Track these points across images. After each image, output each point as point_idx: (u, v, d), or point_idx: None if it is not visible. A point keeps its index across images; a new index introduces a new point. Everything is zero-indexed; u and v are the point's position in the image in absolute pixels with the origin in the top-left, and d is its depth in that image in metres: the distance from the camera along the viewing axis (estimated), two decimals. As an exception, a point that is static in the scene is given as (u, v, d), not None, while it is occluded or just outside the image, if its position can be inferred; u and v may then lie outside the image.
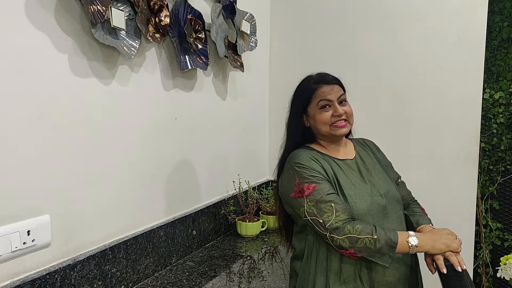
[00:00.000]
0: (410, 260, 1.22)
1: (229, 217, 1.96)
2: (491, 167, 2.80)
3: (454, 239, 1.16)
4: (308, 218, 1.15)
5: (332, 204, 1.14)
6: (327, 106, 1.24)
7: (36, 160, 1.09)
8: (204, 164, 1.83)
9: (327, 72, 1.32)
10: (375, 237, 1.09)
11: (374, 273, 1.15)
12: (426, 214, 1.35)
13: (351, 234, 1.10)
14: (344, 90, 1.30)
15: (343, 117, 1.24)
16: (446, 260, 1.12)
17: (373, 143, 1.43)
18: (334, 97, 1.24)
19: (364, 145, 1.39)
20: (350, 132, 1.39)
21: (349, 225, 1.11)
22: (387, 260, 1.12)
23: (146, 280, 1.46)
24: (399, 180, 1.39)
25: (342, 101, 1.26)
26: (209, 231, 1.85)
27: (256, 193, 2.11)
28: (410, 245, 1.11)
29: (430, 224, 1.27)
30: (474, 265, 2.60)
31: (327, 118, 1.24)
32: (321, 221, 1.14)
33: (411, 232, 1.15)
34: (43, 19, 1.09)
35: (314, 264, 1.20)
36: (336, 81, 1.29)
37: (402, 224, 1.24)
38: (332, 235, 1.12)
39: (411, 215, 1.31)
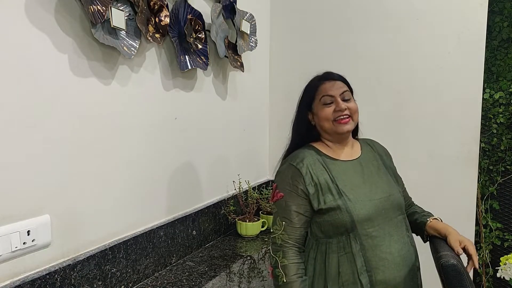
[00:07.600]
0: (413, 262, 1.21)
1: (229, 217, 1.96)
2: (491, 167, 2.80)
3: None
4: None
5: (284, 223, 1.21)
6: (330, 102, 1.24)
7: (36, 160, 1.09)
8: (204, 164, 1.83)
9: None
10: (285, 281, 1.15)
11: (374, 275, 1.13)
12: None
13: (277, 258, 1.19)
14: (351, 89, 1.30)
15: (346, 112, 1.23)
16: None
17: (383, 147, 1.40)
18: (336, 92, 1.24)
19: (372, 146, 1.36)
20: (357, 132, 1.38)
21: (281, 252, 1.18)
22: None
23: (146, 280, 1.46)
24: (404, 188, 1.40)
25: (345, 97, 1.25)
26: (209, 231, 1.85)
27: (256, 193, 2.11)
28: None
29: (434, 217, 1.33)
30: (474, 265, 2.60)
31: (329, 113, 1.23)
32: (272, 227, 1.24)
33: None
34: (43, 19, 1.09)
35: (312, 267, 1.19)
36: (339, 78, 1.29)
37: (400, 229, 1.22)
38: (271, 246, 1.23)
39: (415, 213, 1.36)
